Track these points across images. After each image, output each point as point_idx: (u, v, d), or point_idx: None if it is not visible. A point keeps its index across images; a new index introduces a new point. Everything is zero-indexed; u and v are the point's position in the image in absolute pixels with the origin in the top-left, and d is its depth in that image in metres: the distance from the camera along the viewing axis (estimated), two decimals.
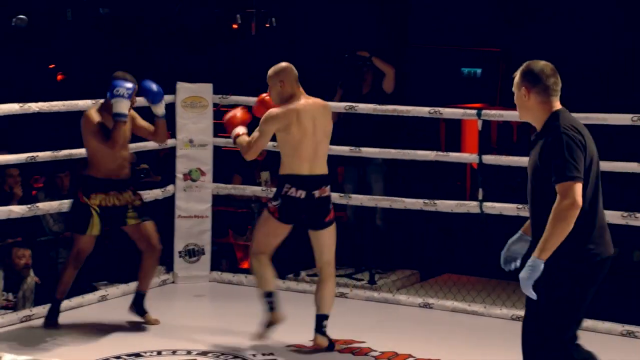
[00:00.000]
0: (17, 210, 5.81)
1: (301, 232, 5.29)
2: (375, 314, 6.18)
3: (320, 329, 5.11)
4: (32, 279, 6.46)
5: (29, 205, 5.88)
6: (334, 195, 6.49)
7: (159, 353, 5.14)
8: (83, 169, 5.61)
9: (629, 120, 5.63)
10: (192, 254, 6.81)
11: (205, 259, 6.83)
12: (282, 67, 5.08)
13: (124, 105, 5.32)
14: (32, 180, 8.01)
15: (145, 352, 5.13)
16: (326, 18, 9.20)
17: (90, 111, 5.48)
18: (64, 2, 9.70)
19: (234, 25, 9.67)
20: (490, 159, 6.10)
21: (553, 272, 3.51)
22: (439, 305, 6.22)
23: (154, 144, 6.34)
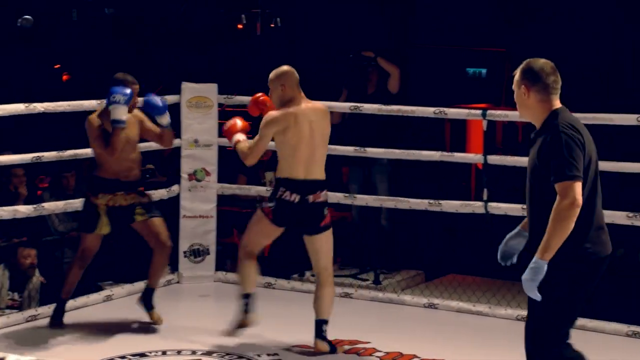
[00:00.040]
0: (23, 210, 5.83)
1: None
2: (380, 314, 6.18)
3: (320, 334, 5.11)
4: (38, 278, 6.46)
5: (35, 205, 5.90)
6: (339, 195, 6.52)
7: (164, 353, 5.14)
8: (92, 169, 5.63)
9: (634, 120, 5.62)
10: (197, 254, 6.81)
11: (210, 259, 6.84)
12: (284, 71, 5.08)
13: (121, 111, 5.32)
14: (38, 180, 8.02)
15: (150, 352, 5.13)
16: (331, 18, 9.20)
17: (93, 115, 5.48)
18: (69, 3, 9.72)
19: (239, 26, 9.69)
20: (495, 159, 6.09)
21: (551, 272, 3.49)
22: (444, 306, 6.22)
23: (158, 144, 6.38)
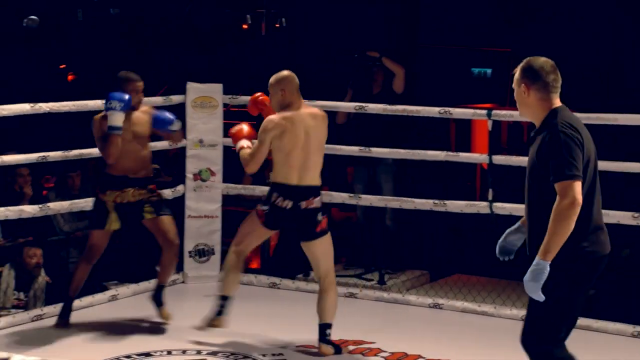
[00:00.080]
0: (29, 210, 5.84)
1: None
2: (385, 314, 6.18)
3: (323, 338, 5.12)
4: (43, 278, 6.47)
5: (41, 205, 5.91)
6: (344, 195, 6.52)
7: (169, 353, 5.15)
8: (104, 166, 5.65)
9: (639, 120, 5.62)
10: (202, 253, 6.82)
11: (215, 259, 6.84)
12: (284, 76, 5.08)
13: (117, 118, 5.35)
14: (43, 180, 8.04)
15: (155, 352, 5.14)
16: (336, 18, 9.19)
17: (97, 116, 5.50)
18: (75, 3, 9.73)
19: (244, 26, 9.69)
20: (500, 159, 6.09)
21: (550, 273, 3.48)
22: (449, 306, 6.22)
23: (164, 144, 6.41)
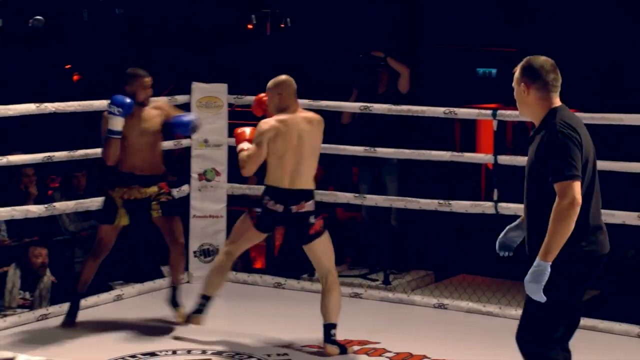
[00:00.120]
0: (35, 210, 5.85)
1: None
2: (390, 314, 6.18)
3: (328, 338, 5.12)
4: (49, 278, 6.49)
5: (46, 205, 5.92)
6: (349, 195, 6.52)
7: (174, 353, 5.15)
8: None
9: None
10: (207, 253, 6.82)
11: None
12: (282, 80, 5.11)
13: (117, 122, 5.37)
14: (49, 180, 8.05)
15: (160, 352, 5.14)
16: (341, 19, 9.20)
17: (105, 113, 5.51)
18: (80, 3, 9.74)
19: (249, 26, 9.69)
20: (505, 160, 6.08)
21: (550, 274, 3.46)
22: (454, 306, 6.21)
23: (168, 144, 6.40)
